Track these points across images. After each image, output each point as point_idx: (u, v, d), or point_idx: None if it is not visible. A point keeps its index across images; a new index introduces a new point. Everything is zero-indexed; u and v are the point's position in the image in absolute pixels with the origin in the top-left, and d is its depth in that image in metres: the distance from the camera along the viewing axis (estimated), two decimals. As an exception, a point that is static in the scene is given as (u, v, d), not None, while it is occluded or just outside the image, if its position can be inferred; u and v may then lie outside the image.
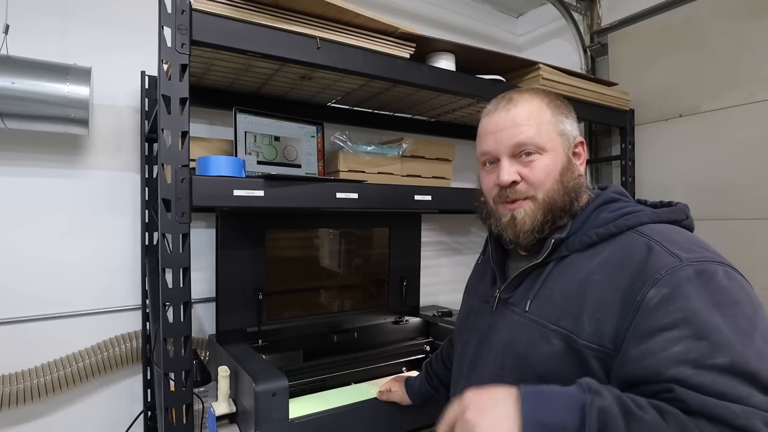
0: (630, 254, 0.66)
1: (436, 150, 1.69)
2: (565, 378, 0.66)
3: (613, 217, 0.71)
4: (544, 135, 0.74)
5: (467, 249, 2.31)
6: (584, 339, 0.65)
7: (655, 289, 0.60)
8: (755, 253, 1.65)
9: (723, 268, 0.61)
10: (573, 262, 0.72)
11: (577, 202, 0.75)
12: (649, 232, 0.67)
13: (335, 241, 1.74)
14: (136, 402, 1.54)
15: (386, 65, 1.25)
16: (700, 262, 0.61)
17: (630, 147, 1.97)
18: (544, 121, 0.75)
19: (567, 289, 0.70)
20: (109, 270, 1.49)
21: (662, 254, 0.63)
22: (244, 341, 1.45)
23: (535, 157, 0.74)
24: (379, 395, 1.24)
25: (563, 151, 0.76)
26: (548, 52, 2.36)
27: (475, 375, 0.83)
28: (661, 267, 0.61)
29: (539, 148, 0.74)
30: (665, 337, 0.57)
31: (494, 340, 0.80)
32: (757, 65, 1.65)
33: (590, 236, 0.71)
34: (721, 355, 0.54)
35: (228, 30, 1.02)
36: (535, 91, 0.80)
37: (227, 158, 1.13)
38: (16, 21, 1.31)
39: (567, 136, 0.77)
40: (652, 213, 0.71)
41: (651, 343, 0.58)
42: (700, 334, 0.55)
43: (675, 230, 0.69)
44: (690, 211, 0.75)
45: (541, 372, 0.69)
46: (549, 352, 0.69)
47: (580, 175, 0.77)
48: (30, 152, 1.38)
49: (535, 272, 0.77)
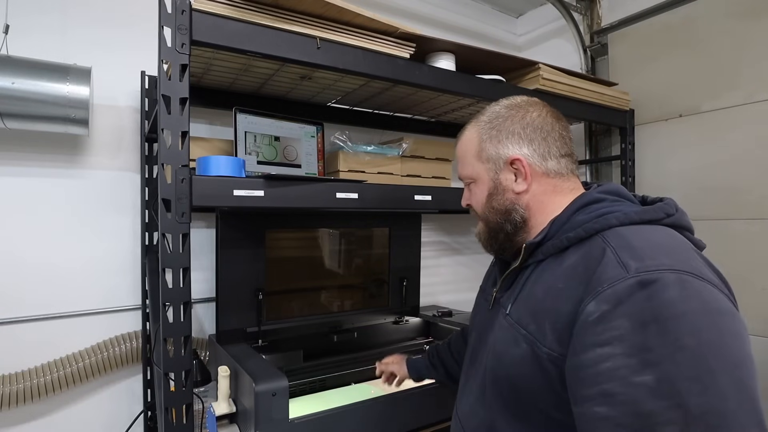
0: (589, 262, 0.65)
1: (436, 150, 1.69)
2: (532, 382, 0.67)
3: (586, 219, 0.71)
4: (469, 168, 0.85)
5: (467, 249, 2.31)
6: (546, 346, 0.66)
7: (596, 304, 0.59)
8: (755, 253, 1.65)
9: (677, 276, 0.57)
10: (548, 267, 0.72)
11: (509, 222, 0.80)
12: (610, 237, 0.65)
13: (335, 241, 1.74)
14: (136, 402, 1.54)
15: (386, 65, 1.25)
16: (649, 272, 0.57)
17: (630, 147, 1.97)
18: (470, 154, 0.84)
19: (537, 294, 0.71)
20: (109, 270, 1.49)
21: (610, 264, 0.61)
22: (244, 341, 1.45)
23: (471, 186, 0.85)
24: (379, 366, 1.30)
25: (488, 176, 0.82)
26: (548, 52, 2.36)
27: (473, 369, 0.86)
28: (605, 279, 0.59)
29: (470, 178, 0.85)
30: (597, 353, 0.57)
31: (488, 338, 0.82)
32: (757, 65, 1.65)
33: (562, 240, 0.71)
34: (648, 373, 0.53)
35: (228, 30, 1.02)
36: (475, 120, 0.86)
37: (227, 158, 1.13)
38: (15, 20, 1.31)
39: (494, 161, 0.80)
40: (623, 215, 0.68)
41: (584, 357, 0.58)
42: (631, 351, 0.55)
43: (641, 233, 0.65)
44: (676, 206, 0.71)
45: (511, 373, 0.71)
46: (517, 355, 0.70)
47: (516, 193, 0.79)
48: (30, 152, 1.38)
49: (519, 275, 0.79)
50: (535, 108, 0.81)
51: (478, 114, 0.87)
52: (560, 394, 0.64)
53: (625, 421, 0.54)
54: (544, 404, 0.67)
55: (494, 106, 0.85)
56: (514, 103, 0.83)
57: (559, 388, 0.64)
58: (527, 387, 0.68)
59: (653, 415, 0.52)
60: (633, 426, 0.53)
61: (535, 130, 0.79)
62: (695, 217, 0.75)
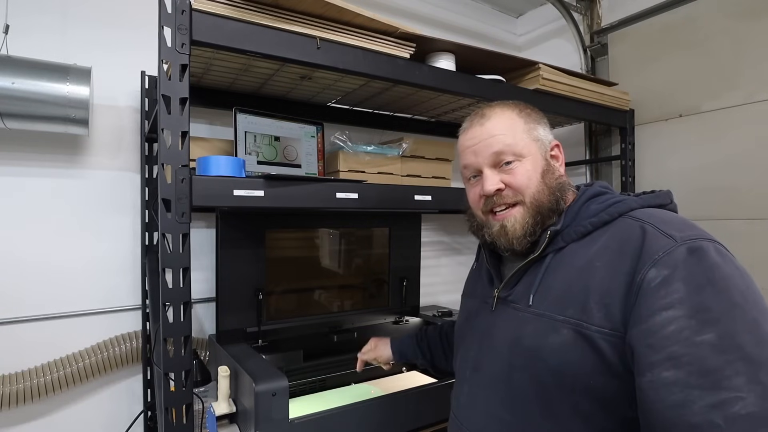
0: (627, 238, 0.68)
1: (436, 150, 1.69)
2: (580, 367, 0.66)
3: (603, 207, 0.75)
4: (519, 142, 0.79)
5: (467, 249, 2.31)
6: (595, 324, 0.66)
7: (656, 270, 0.62)
8: (755, 253, 1.64)
9: (714, 245, 0.63)
10: (571, 252, 0.74)
11: (563, 200, 0.80)
12: (641, 216, 0.70)
13: (335, 241, 1.74)
14: (136, 402, 1.54)
15: (386, 65, 1.25)
16: (692, 240, 0.63)
17: (630, 147, 1.97)
18: (517, 129, 0.80)
19: (568, 278, 0.72)
20: (109, 270, 1.49)
21: (657, 235, 0.65)
22: (244, 341, 1.45)
23: (515, 165, 0.78)
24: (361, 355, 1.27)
25: (540, 155, 0.80)
26: (548, 52, 2.36)
27: (478, 377, 0.82)
28: (659, 248, 0.63)
29: (517, 155, 0.78)
30: (663, 317, 0.59)
31: (496, 340, 0.79)
32: (757, 65, 1.65)
33: (585, 225, 0.74)
34: (709, 331, 0.57)
35: (228, 30, 1.02)
36: (505, 104, 0.85)
37: (227, 158, 1.13)
38: (15, 20, 1.32)
39: (542, 141, 0.81)
40: (640, 200, 0.75)
41: (651, 322, 0.60)
42: (691, 313, 0.58)
43: (664, 212, 0.72)
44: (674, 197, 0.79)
45: (554, 364, 0.69)
46: (559, 343, 0.69)
47: (561, 175, 0.82)
48: (30, 152, 1.38)
49: (533, 267, 0.78)
50: None
51: (492, 104, 0.86)
52: (614, 376, 0.64)
53: (693, 380, 0.56)
54: (593, 391, 0.66)
55: (505, 101, 0.87)
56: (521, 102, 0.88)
57: (614, 369, 0.64)
58: (575, 374, 0.67)
59: (720, 370, 0.55)
60: (702, 385, 0.55)
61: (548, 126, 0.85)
62: (695, 217, 0.77)
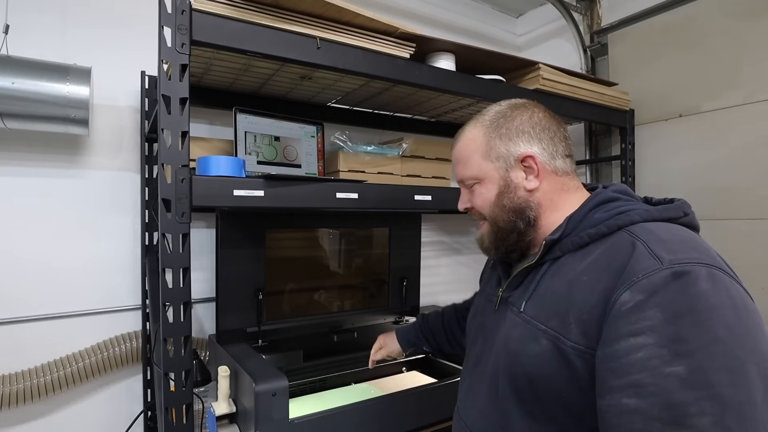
0: (616, 255, 0.65)
1: (436, 150, 1.69)
2: (553, 379, 0.66)
3: (606, 217, 0.72)
4: (474, 168, 0.82)
5: (467, 249, 2.31)
6: (571, 340, 0.65)
7: (630, 293, 0.59)
8: (755, 253, 1.65)
9: (708, 270, 0.58)
10: (566, 263, 0.73)
11: (522, 220, 0.78)
12: (638, 231, 0.66)
13: (335, 241, 1.74)
14: (136, 402, 1.54)
15: (386, 65, 1.25)
16: (681, 264, 0.58)
17: (630, 147, 1.97)
18: (476, 153, 0.82)
19: (557, 289, 0.71)
20: (109, 270, 1.49)
21: (644, 255, 0.61)
22: (244, 341, 1.45)
23: (475, 187, 0.83)
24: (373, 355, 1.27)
25: (498, 175, 0.80)
26: (548, 52, 2.36)
27: (477, 372, 0.85)
28: (640, 270, 0.60)
29: (475, 179, 0.82)
30: (630, 343, 0.57)
31: (495, 338, 0.81)
32: (757, 65, 1.65)
33: (582, 237, 0.72)
34: (679, 363, 0.53)
35: (228, 30, 1.02)
36: (476, 121, 0.85)
37: (227, 158, 1.13)
38: (15, 20, 1.31)
39: (504, 158, 0.80)
40: (645, 212, 0.70)
41: (616, 346, 0.58)
42: (663, 342, 0.55)
43: (667, 228, 0.67)
44: (690, 207, 0.73)
45: (530, 371, 0.70)
46: (537, 352, 0.69)
47: (528, 190, 0.79)
48: (30, 152, 1.38)
49: (532, 273, 0.78)
50: (539, 109, 0.83)
51: (476, 116, 0.86)
52: (585, 391, 0.63)
53: (656, 412, 0.54)
54: (564, 402, 0.66)
55: (496, 106, 0.85)
56: (519, 103, 0.84)
57: (585, 385, 0.63)
58: (547, 385, 0.67)
59: (685, 406, 0.52)
60: (664, 418, 0.53)
61: (543, 129, 0.80)
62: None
